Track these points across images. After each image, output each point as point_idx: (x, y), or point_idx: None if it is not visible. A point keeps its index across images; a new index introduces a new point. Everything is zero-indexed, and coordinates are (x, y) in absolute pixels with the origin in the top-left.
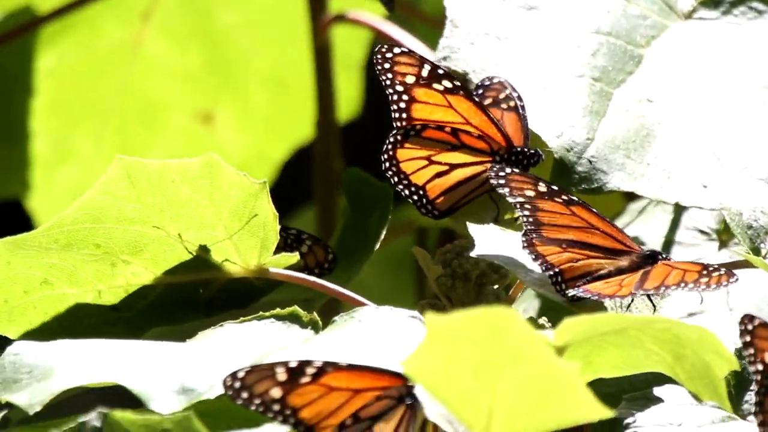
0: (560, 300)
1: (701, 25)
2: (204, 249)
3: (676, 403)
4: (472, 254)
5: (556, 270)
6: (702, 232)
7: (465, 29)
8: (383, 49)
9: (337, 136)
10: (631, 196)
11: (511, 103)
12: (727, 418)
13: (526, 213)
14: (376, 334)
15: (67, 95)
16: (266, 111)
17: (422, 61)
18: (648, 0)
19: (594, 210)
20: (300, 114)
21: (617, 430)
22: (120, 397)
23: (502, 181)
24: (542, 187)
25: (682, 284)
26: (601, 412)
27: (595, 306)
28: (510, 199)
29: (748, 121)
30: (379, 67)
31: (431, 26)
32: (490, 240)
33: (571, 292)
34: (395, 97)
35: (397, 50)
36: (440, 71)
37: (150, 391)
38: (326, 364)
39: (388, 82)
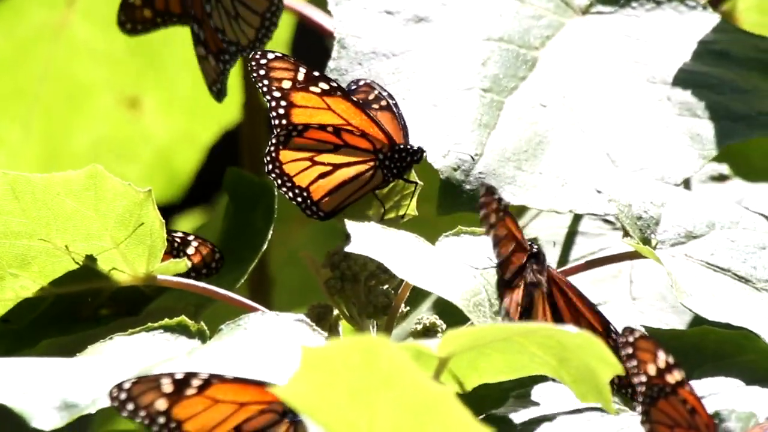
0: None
1: (598, 20)
2: (91, 259)
3: (565, 399)
4: (347, 249)
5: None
6: (607, 221)
7: (353, 49)
8: (257, 56)
9: (264, 119)
10: None
11: (383, 103)
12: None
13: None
14: (262, 342)
15: None
16: (192, 94)
17: (297, 65)
18: None
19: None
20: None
21: (505, 428)
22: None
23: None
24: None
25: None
26: (479, 431)
27: None
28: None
29: (643, 118)
30: (255, 74)
31: None
32: (367, 237)
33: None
34: (273, 104)
35: (271, 56)
36: (316, 73)
37: (31, 409)
38: (212, 376)
39: (265, 89)
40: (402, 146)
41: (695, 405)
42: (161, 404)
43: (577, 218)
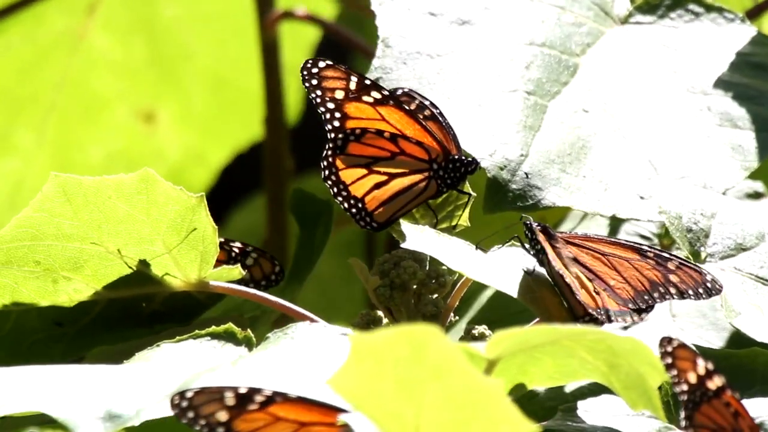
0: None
1: (638, 30)
2: (144, 263)
3: (613, 414)
4: (403, 246)
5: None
6: (643, 237)
7: (397, 48)
8: (309, 65)
9: (287, 134)
10: None
11: (427, 112)
12: (664, 429)
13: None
14: (307, 352)
15: (8, 87)
16: (207, 111)
17: (349, 73)
18: (583, 7)
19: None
20: (242, 115)
21: None
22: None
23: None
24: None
25: None
26: (528, 428)
27: None
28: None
29: (684, 127)
30: (308, 84)
31: None
32: (422, 238)
33: None
34: (328, 116)
35: (322, 64)
36: (367, 82)
37: (75, 419)
38: (276, 393)
39: (318, 100)
40: (456, 157)
41: (738, 409)
42: (222, 416)
43: (612, 233)
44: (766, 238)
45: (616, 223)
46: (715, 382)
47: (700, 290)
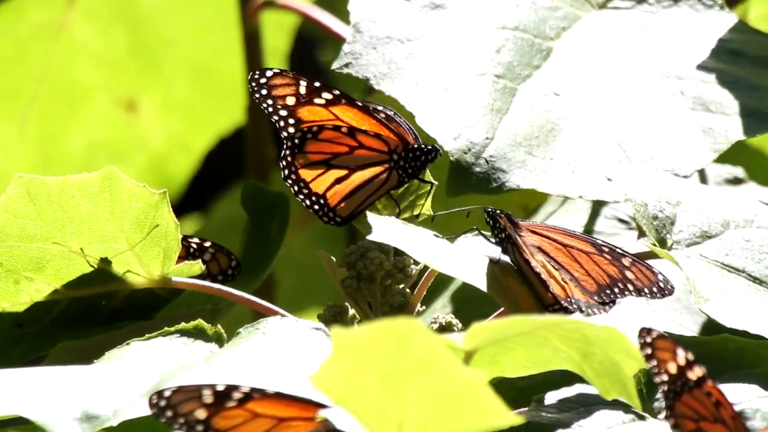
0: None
1: (615, 15)
2: (106, 261)
3: (586, 404)
4: (369, 238)
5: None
6: (621, 221)
7: (368, 33)
8: (256, 76)
9: (268, 122)
10: None
11: (382, 115)
12: (637, 417)
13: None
14: (279, 348)
15: None
16: (189, 99)
17: (297, 78)
18: None
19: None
20: (223, 101)
21: None
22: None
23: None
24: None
25: None
26: (511, 419)
27: None
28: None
29: (656, 110)
30: (257, 95)
31: None
32: (388, 229)
33: None
34: (282, 123)
35: (269, 73)
36: (317, 84)
37: (52, 421)
38: (253, 390)
39: (270, 109)
40: (416, 146)
41: (719, 398)
42: (201, 414)
43: (593, 217)
44: (731, 225)
45: (597, 206)
46: (696, 373)
47: (654, 289)
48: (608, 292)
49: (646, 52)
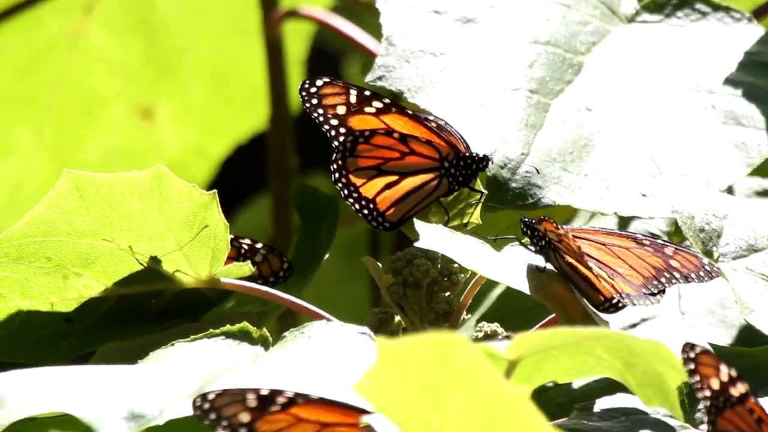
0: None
1: (644, 29)
2: (155, 260)
3: (628, 414)
4: (416, 245)
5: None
6: (653, 235)
7: (401, 47)
8: (306, 85)
9: (291, 130)
10: None
11: (433, 125)
12: (680, 428)
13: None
14: (325, 352)
15: (5, 89)
16: (205, 105)
17: (347, 87)
18: (590, 5)
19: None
20: (241, 107)
21: None
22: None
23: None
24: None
25: None
26: None
27: None
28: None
29: (688, 125)
30: (308, 105)
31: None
32: (435, 236)
33: None
34: (333, 133)
35: (320, 82)
36: (367, 93)
37: (98, 419)
38: (297, 395)
39: (321, 119)
40: (467, 153)
41: (762, 415)
42: (244, 417)
43: (622, 230)
44: None
45: (624, 221)
46: (739, 389)
47: (701, 273)
48: (655, 282)
49: (675, 66)
